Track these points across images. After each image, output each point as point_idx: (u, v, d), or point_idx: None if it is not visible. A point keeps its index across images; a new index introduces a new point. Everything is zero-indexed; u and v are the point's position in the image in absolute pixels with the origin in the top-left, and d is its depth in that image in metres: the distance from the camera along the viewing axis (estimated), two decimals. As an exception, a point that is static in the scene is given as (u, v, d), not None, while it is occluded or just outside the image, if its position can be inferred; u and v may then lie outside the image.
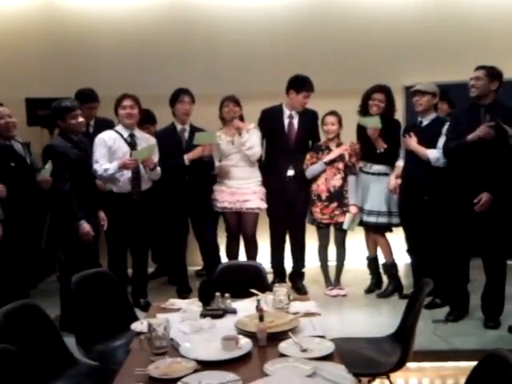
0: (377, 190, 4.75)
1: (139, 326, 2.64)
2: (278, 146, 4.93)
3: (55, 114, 4.05)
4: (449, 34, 5.75)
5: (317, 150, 4.90)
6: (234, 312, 2.73)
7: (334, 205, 4.82)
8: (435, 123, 4.40)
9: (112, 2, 5.92)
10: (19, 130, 4.23)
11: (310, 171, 4.87)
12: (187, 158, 4.71)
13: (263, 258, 5.00)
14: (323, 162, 4.81)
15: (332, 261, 5.05)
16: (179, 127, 4.84)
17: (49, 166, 3.88)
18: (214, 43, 5.85)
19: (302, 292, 4.86)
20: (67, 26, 5.84)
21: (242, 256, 5.07)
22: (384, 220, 4.76)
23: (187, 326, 2.53)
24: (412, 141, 4.40)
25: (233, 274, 3.29)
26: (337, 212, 4.82)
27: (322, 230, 4.94)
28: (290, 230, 5.08)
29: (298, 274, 5.12)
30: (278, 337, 2.37)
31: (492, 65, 3.98)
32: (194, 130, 4.80)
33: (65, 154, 3.98)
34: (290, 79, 4.87)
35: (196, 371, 2.09)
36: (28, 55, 5.81)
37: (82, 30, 5.82)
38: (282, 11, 5.84)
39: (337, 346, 2.29)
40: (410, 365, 3.36)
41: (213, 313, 2.69)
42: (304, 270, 5.14)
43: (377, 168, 4.77)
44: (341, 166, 4.83)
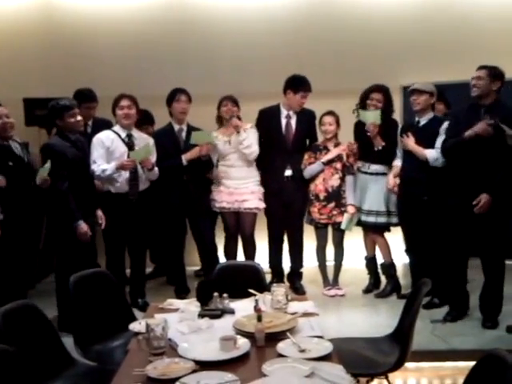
0: (375, 190, 4.75)
1: (137, 326, 2.64)
2: (275, 146, 4.93)
3: (53, 113, 4.02)
4: (446, 35, 5.77)
5: (315, 150, 4.90)
6: (232, 312, 2.73)
7: (332, 205, 4.82)
8: (433, 123, 4.40)
9: (110, 2, 5.92)
10: (17, 130, 4.22)
11: (308, 171, 4.88)
12: (185, 158, 4.71)
13: (261, 258, 5.00)
14: (321, 162, 4.82)
15: (330, 261, 5.05)
16: (177, 127, 4.84)
17: (48, 165, 3.86)
18: (211, 44, 5.85)
19: (300, 292, 4.87)
20: (65, 27, 5.84)
21: (241, 256, 5.07)
22: (383, 220, 4.76)
23: (185, 326, 2.53)
24: (410, 141, 4.40)
25: (231, 274, 3.29)
26: (335, 212, 4.82)
27: (320, 229, 4.94)
28: (288, 229, 5.08)
29: (296, 274, 5.12)
30: (276, 337, 2.36)
31: (494, 65, 3.95)
32: (191, 129, 4.80)
33: (62, 153, 3.97)
34: (288, 79, 4.87)
35: (194, 371, 2.09)
36: (26, 55, 5.80)
37: (80, 30, 5.81)
38: (280, 12, 5.84)
39: (335, 346, 2.29)
40: (409, 365, 3.36)
41: (211, 313, 2.69)
42: (302, 270, 5.14)
43: (375, 168, 4.77)
44: (339, 165, 4.83)
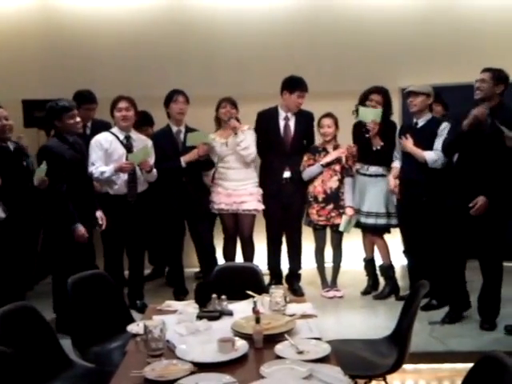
0: (374, 192, 4.75)
1: (135, 327, 2.64)
2: (274, 148, 4.92)
3: (51, 114, 3.99)
4: (445, 37, 5.77)
5: (313, 152, 4.90)
6: (230, 314, 2.72)
7: (331, 206, 4.82)
8: (431, 124, 4.40)
9: (109, 3, 5.91)
10: (16, 132, 4.22)
11: (307, 173, 4.88)
12: (184, 161, 4.71)
13: (260, 259, 5.00)
14: (320, 164, 4.82)
15: (328, 262, 5.05)
16: (175, 129, 4.83)
17: (43, 165, 3.84)
18: (211, 45, 5.86)
19: (298, 294, 4.86)
20: (64, 28, 5.84)
21: (239, 258, 5.07)
22: (383, 221, 4.76)
23: (183, 327, 2.52)
24: (408, 143, 4.40)
25: (229, 275, 3.29)
26: (333, 214, 4.82)
27: (319, 231, 4.94)
28: (286, 231, 5.08)
29: (294, 276, 5.12)
30: (274, 339, 2.36)
31: (501, 68, 3.91)
32: (189, 131, 4.79)
33: (60, 155, 3.95)
34: (284, 80, 4.87)
35: (192, 373, 2.09)
36: (25, 56, 5.79)
37: (80, 31, 5.81)
38: (280, 14, 5.84)
39: (333, 348, 2.29)
40: (407, 366, 3.36)
41: (209, 315, 2.69)
42: (300, 272, 5.14)
43: (373, 169, 4.77)
44: (337, 167, 4.83)
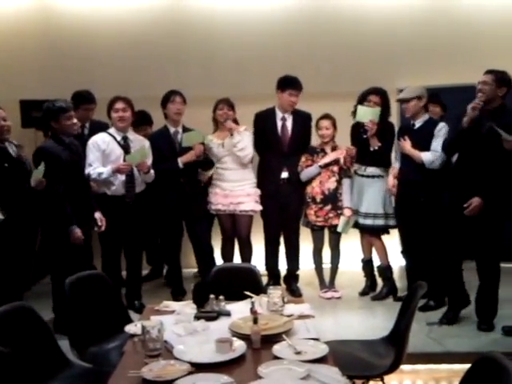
0: (372, 193, 4.75)
1: (133, 328, 2.63)
2: (271, 149, 4.92)
3: (48, 115, 3.96)
4: (442, 38, 5.78)
5: (311, 153, 4.90)
6: (228, 314, 2.72)
7: (328, 207, 4.82)
8: (428, 125, 4.41)
9: (108, 4, 5.91)
10: (13, 132, 4.21)
11: (305, 174, 4.88)
12: (181, 161, 4.70)
13: (258, 260, 5.00)
14: (318, 165, 4.82)
15: (326, 263, 5.06)
16: (172, 129, 4.83)
17: (41, 166, 3.82)
18: (209, 46, 5.86)
19: (296, 294, 4.86)
20: (63, 28, 5.83)
21: (237, 258, 5.07)
22: (381, 222, 4.76)
23: (181, 328, 2.52)
24: (406, 144, 4.41)
25: (227, 276, 3.29)
26: (331, 215, 4.82)
27: (317, 232, 4.94)
28: (284, 232, 5.08)
29: (292, 277, 5.12)
30: (272, 339, 2.36)
31: (503, 69, 3.89)
32: (186, 131, 4.79)
33: (57, 156, 3.93)
34: (278, 79, 4.86)
35: (190, 373, 2.09)
36: (23, 56, 5.79)
37: (78, 31, 5.80)
38: (278, 15, 5.84)
39: (331, 349, 2.29)
40: (404, 367, 3.35)
41: (207, 315, 2.69)
42: (298, 273, 5.14)
43: (371, 170, 4.77)
44: (336, 168, 4.83)
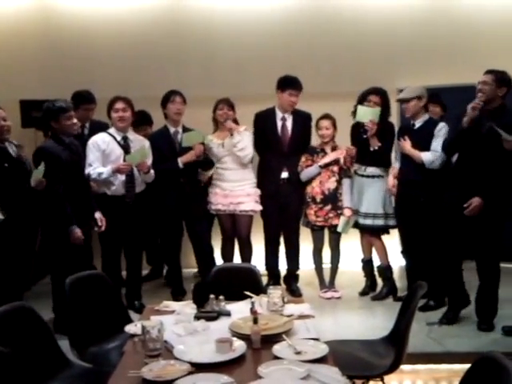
0: (372, 193, 4.75)
1: (133, 328, 2.63)
2: (271, 149, 4.92)
3: (48, 115, 3.95)
4: (442, 38, 5.78)
5: (312, 153, 4.90)
6: (228, 314, 2.72)
7: (328, 207, 4.82)
8: (428, 125, 4.41)
9: (108, 4, 5.91)
10: (13, 132, 4.21)
11: (305, 174, 4.87)
12: (181, 162, 4.70)
13: (258, 260, 5.00)
14: (318, 165, 4.82)
15: (326, 263, 5.06)
16: (172, 129, 4.83)
17: (42, 166, 3.82)
18: (210, 46, 5.86)
19: (296, 294, 4.86)
20: (63, 28, 5.83)
21: (238, 258, 5.07)
22: (380, 222, 4.76)
23: (181, 328, 2.52)
24: (406, 144, 4.41)
25: (227, 276, 3.29)
26: (331, 214, 4.82)
27: (317, 232, 4.94)
28: (284, 232, 5.08)
29: (292, 277, 5.12)
30: (272, 339, 2.36)
31: (503, 69, 3.88)
32: (186, 131, 4.79)
33: (57, 157, 3.92)
34: (278, 79, 4.86)
35: (190, 373, 2.09)
36: (23, 56, 5.79)
37: (78, 31, 5.80)
38: (277, 15, 5.84)
39: (331, 349, 2.29)
40: (404, 367, 3.35)
41: (207, 315, 2.69)
42: (298, 273, 5.14)
43: (371, 170, 4.77)
44: (336, 168, 4.83)
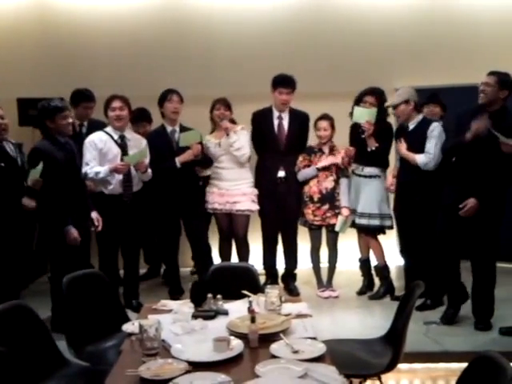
0: (368, 192, 4.75)
1: (130, 327, 2.63)
2: (268, 147, 4.93)
3: (44, 114, 3.88)
4: (440, 38, 5.79)
5: (309, 153, 4.89)
6: (225, 313, 2.73)
7: (326, 207, 4.82)
8: (421, 125, 4.42)
9: (106, 2, 5.90)
10: (11, 131, 4.21)
11: (303, 175, 4.87)
12: (178, 161, 4.69)
13: (255, 259, 5.00)
14: (316, 167, 4.81)
15: (324, 262, 5.06)
16: (169, 128, 4.82)
17: (39, 166, 3.80)
18: (208, 44, 5.86)
19: (294, 293, 4.86)
20: (60, 26, 5.82)
21: (235, 257, 5.07)
22: (376, 222, 4.76)
23: (179, 327, 2.53)
24: (402, 146, 4.43)
25: (225, 275, 3.29)
26: (328, 214, 4.82)
27: (314, 231, 4.94)
28: (282, 231, 5.07)
29: (290, 276, 5.12)
30: (269, 338, 2.36)
31: (505, 71, 3.86)
32: (183, 130, 4.78)
33: (52, 157, 3.86)
34: (272, 79, 4.86)
35: (187, 372, 2.09)
36: (20, 55, 5.78)
37: (75, 30, 5.80)
38: (276, 14, 5.85)
39: (328, 348, 2.29)
40: (401, 366, 3.37)
41: (204, 314, 2.69)
42: (296, 272, 5.14)
43: (368, 170, 4.77)
44: (333, 168, 4.83)
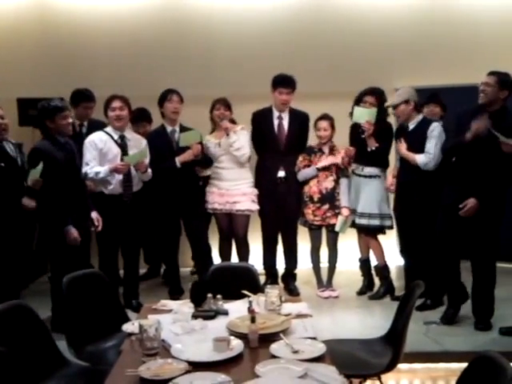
0: (368, 192, 4.75)
1: (130, 327, 2.63)
2: (268, 147, 4.93)
3: (43, 114, 3.88)
4: (440, 38, 5.79)
5: (309, 153, 4.89)
6: (225, 313, 2.73)
7: (326, 207, 4.82)
8: (421, 125, 4.42)
9: (106, 2, 5.89)
10: (11, 131, 4.20)
11: (302, 175, 4.87)
12: (179, 161, 4.69)
13: (256, 259, 5.00)
14: (316, 167, 4.81)
15: (324, 262, 5.06)
16: (169, 128, 4.82)
17: (40, 166, 3.80)
18: (208, 44, 5.86)
19: (294, 293, 4.86)
20: (60, 26, 5.82)
21: (235, 257, 5.07)
22: (376, 222, 4.76)
23: (179, 327, 2.53)
24: (402, 147, 4.43)
25: (225, 275, 3.29)
26: (328, 214, 4.82)
27: (314, 231, 4.94)
28: (282, 231, 5.07)
29: (290, 276, 5.12)
30: (269, 338, 2.36)
31: (506, 71, 3.85)
32: (183, 130, 4.78)
33: (52, 157, 3.86)
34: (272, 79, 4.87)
35: (187, 372, 2.09)
36: (20, 54, 5.78)
37: (75, 30, 5.80)
38: (276, 14, 5.85)
39: (328, 348, 2.29)
40: (401, 366, 3.37)
41: (204, 314, 2.69)
42: (296, 272, 5.14)
43: (368, 170, 4.77)
44: (333, 168, 4.83)
